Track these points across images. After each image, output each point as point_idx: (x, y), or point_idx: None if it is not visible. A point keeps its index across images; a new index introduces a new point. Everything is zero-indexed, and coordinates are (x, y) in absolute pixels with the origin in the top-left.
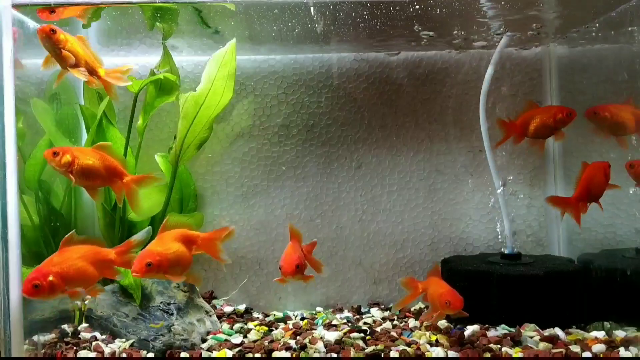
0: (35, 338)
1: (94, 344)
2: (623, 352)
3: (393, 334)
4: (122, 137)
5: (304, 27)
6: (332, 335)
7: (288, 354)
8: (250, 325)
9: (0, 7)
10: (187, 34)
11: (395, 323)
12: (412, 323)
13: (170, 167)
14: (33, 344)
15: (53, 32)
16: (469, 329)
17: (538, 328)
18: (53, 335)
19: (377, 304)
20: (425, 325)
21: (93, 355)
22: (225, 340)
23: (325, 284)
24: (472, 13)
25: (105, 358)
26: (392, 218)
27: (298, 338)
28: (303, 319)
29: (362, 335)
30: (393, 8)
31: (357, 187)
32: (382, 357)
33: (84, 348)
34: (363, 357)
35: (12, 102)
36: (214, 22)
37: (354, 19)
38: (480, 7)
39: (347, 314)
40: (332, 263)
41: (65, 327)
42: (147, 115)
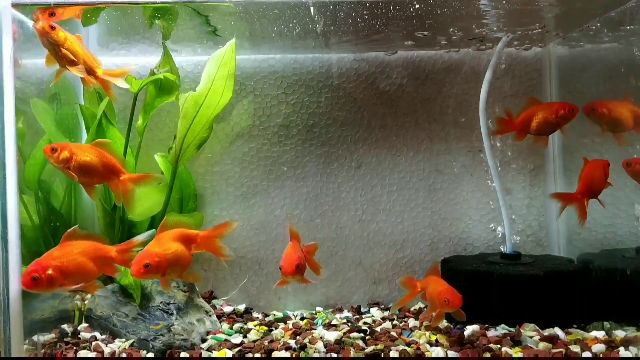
0: (35, 338)
1: (94, 344)
2: (623, 352)
3: (393, 334)
4: (122, 137)
5: (304, 27)
6: (331, 335)
7: (288, 354)
8: (250, 325)
9: (0, 7)
10: (186, 34)
11: (395, 323)
12: (411, 323)
13: (170, 167)
14: (33, 344)
15: (52, 28)
16: (469, 329)
17: (538, 328)
18: (53, 335)
19: (377, 304)
20: (425, 325)
21: (93, 355)
22: (225, 340)
23: (325, 284)
24: (472, 13)
25: (105, 358)
26: (392, 218)
27: (298, 338)
28: (303, 319)
29: (361, 335)
30: (393, 8)
31: (357, 187)
32: (381, 357)
33: (84, 348)
34: (363, 357)
35: (12, 102)
36: (214, 21)
37: (354, 19)
38: (480, 7)
39: (346, 314)
40: (332, 263)
41: (65, 327)
42: (147, 115)
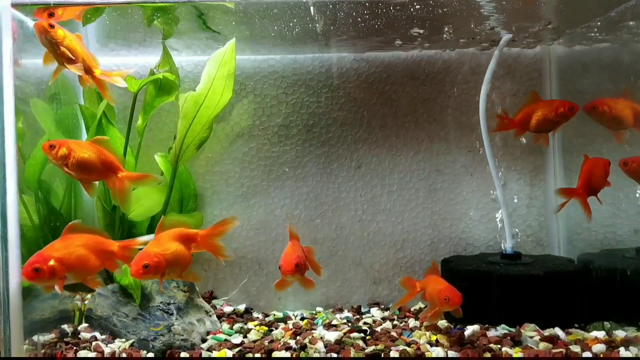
0: (35, 338)
1: (94, 344)
2: (623, 352)
3: (393, 334)
4: (121, 136)
5: (304, 26)
6: (332, 335)
7: (288, 354)
8: (250, 325)
9: (0, 7)
10: (186, 34)
11: (395, 323)
12: (412, 323)
13: (170, 167)
14: (33, 344)
15: (51, 26)
16: (469, 329)
17: (538, 328)
18: (53, 335)
19: (377, 304)
20: (426, 325)
21: (93, 355)
22: (225, 340)
23: (325, 284)
24: (472, 13)
25: (105, 358)
26: (392, 218)
27: (298, 338)
28: (303, 319)
29: (362, 335)
30: (393, 8)
31: (357, 187)
32: (382, 357)
33: (84, 348)
34: (363, 357)
35: (11, 102)
36: (214, 21)
37: (355, 19)
38: (481, 7)
39: (347, 314)
40: (332, 263)
41: (65, 327)
42: (146, 115)
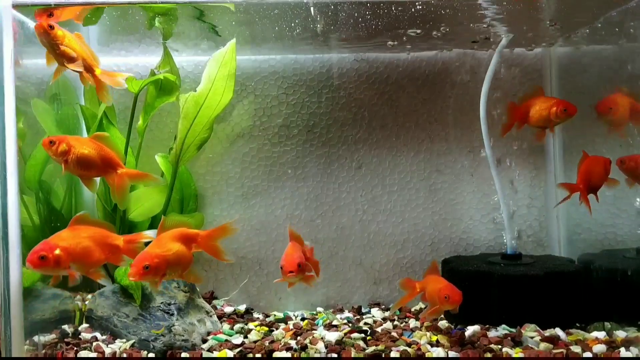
0: (36, 338)
1: (95, 345)
2: (624, 352)
3: (394, 335)
4: (122, 137)
5: (305, 27)
6: (332, 336)
7: (289, 355)
8: (251, 326)
9: (0, 7)
10: (187, 35)
11: (396, 323)
12: (412, 323)
13: (171, 167)
14: (33, 345)
15: (51, 27)
16: (470, 330)
17: (539, 328)
18: (53, 336)
19: (377, 304)
20: (426, 326)
21: (94, 356)
22: (226, 341)
23: (326, 285)
24: (472, 13)
25: (106, 358)
26: (392, 218)
27: (299, 338)
28: (303, 320)
29: (362, 336)
30: (395, 8)
31: (357, 187)
32: (382, 357)
33: (85, 348)
34: (364, 357)
35: (12, 102)
36: (214, 22)
37: (355, 19)
38: (481, 7)
39: (347, 315)
40: (332, 263)
41: (66, 327)
42: (147, 116)
